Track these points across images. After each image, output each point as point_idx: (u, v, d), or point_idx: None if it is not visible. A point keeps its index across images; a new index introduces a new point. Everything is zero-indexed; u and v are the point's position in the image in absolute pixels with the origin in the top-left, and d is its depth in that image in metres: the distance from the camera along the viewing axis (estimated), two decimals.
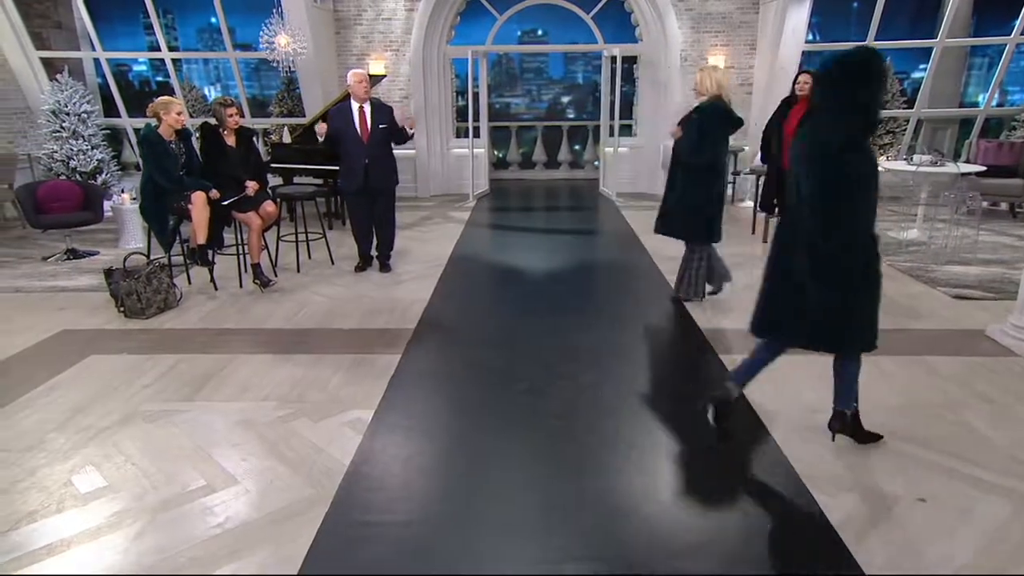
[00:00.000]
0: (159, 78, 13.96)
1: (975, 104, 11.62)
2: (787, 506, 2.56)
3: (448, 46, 9.94)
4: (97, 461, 2.91)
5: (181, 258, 5.52)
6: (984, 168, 7.01)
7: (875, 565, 2.21)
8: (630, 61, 10.18)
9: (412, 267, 6.04)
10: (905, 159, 7.73)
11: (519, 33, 12.35)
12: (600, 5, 9.83)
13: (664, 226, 4.92)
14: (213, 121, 5.44)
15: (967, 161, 7.79)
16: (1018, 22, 8.67)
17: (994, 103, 9.44)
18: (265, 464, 2.88)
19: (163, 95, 5.37)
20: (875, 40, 8.76)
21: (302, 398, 3.49)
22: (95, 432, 3.16)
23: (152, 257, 5.20)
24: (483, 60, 9.73)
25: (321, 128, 5.43)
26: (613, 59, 9.37)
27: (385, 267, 5.88)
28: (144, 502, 2.62)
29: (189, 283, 5.51)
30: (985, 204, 7.22)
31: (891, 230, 7.08)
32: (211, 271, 5.39)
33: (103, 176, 8.82)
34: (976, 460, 2.79)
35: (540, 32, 12.49)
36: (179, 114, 5.11)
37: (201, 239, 5.13)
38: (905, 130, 9.41)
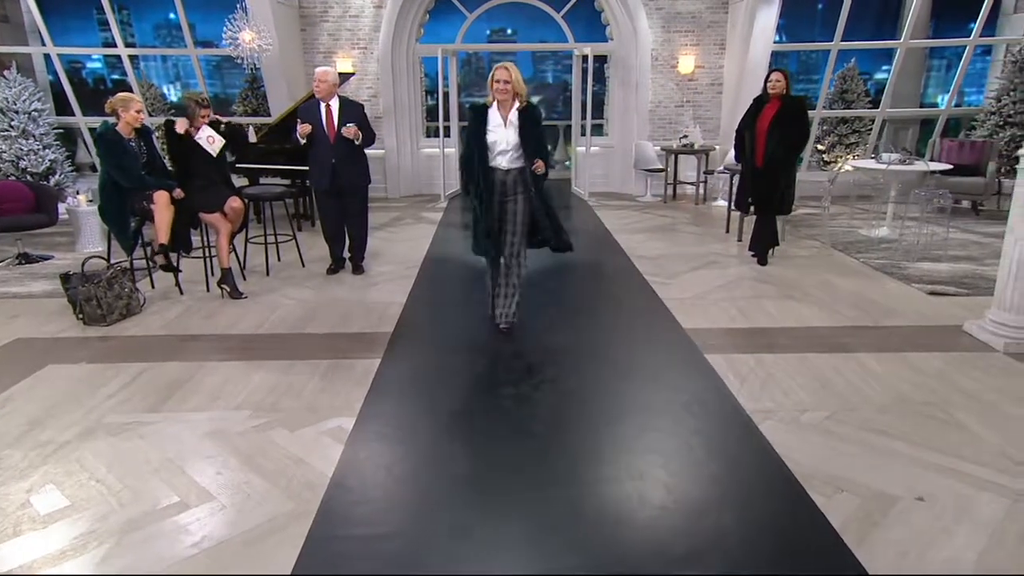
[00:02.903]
0: (115, 76, 13.44)
1: (933, 104, 11.92)
2: (785, 508, 2.51)
3: (417, 44, 9.79)
4: (58, 479, 2.72)
5: (144, 261, 5.29)
6: (951, 167, 7.16)
7: (879, 567, 2.17)
8: (601, 60, 10.17)
9: (386, 269, 5.89)
10: (873, 157, 7.86)
11: (488, 32, 12.24)
12: (570, 4, 9.79)
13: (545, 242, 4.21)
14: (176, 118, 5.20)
15: (931, 160, 7.96)
16: (975, 25, 8.90)
17: (953, 103, 9.68)
18: (241, 477, 2.73)
19: (121, 92, 5.14)
20: (842, 41, 8.91)
21: (277, 406, 3.34)
22: (55, 447, 2.96)
23: (113, 261, 4.97)
24: (453, 59, 9.61)
25: (304, 129, 5.20)
26: (584, 58, 9.34)
27: (358, 269, 5.72)
28: (110, 522, 2.45)
29: (152, 287, 5.28)
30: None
31: (862, 228, 7.19)
32: (176, 275, 5.17)
33: (56, 177, 8.46)
34: (969, 457, 2.78)
35: (509, 31, 12.40)
36: (138, 112, 4.89)
37: (163, 239, 4.91)
38: (871, 129, 9.58)
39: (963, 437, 2.96)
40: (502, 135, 3.99)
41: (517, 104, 3.99)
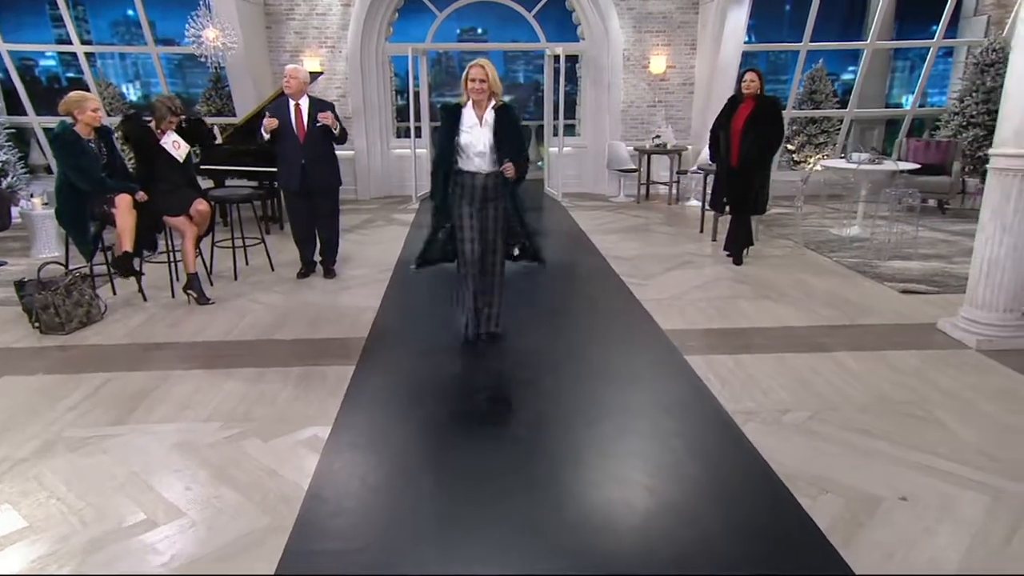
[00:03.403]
0: (70, 74, 13.08)
1: (898, 105, 12.21)
2: (771, 510, 2.51)
3: (387, 43, 9.69)
4: (14, 498, 2.59)
5: (104, 267, 5.11)
6: (919, 166, 7.32)
7: (865, 567, 2.17)
8: (572, 60, 10.18)
9: (358, 272, 5.80)
10: (842, 157, 7.99)
11: (458, 31, 12.18)
12: (541, 4, 9.78)
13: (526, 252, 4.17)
14: (143, 117, 5.02)
15: (898, 159, 8.12)
16: (938, 27, 9.13)
17: (917, 104, 9.92)
18: (212, 491, 2.63)
19: (74, 91, 4.94)
20: (810, 42, 9.05)
21: (249, 416, 3.24)
22: (10, 464, 2.82)
23: (71, 267, 4.79)
24: (423, 58, 9.52)
25: (271, 123, 5.08)
26: (556, 58, 9.33)
27: (330, 273, 5.62)
28: (72, 543, 2.34)
29: (114, 294, 5.11)
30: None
31: (833, 227, 7.30)
32: (139, 281, 5.01)
33: (9, 179, 8.16)
34: (949, 456, 2.82)
35: (480, 31, 12.36)
36: (95, 111, 4.71)
37: (127, 246, 4.75)
38: (839, 129, 9.75)
39: (942, 435, 3.00)
40: (478, 135, 3.78)
41: (493, 104, 3.80)
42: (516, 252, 4.13)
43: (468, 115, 3.81)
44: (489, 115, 3.80)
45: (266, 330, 4.43)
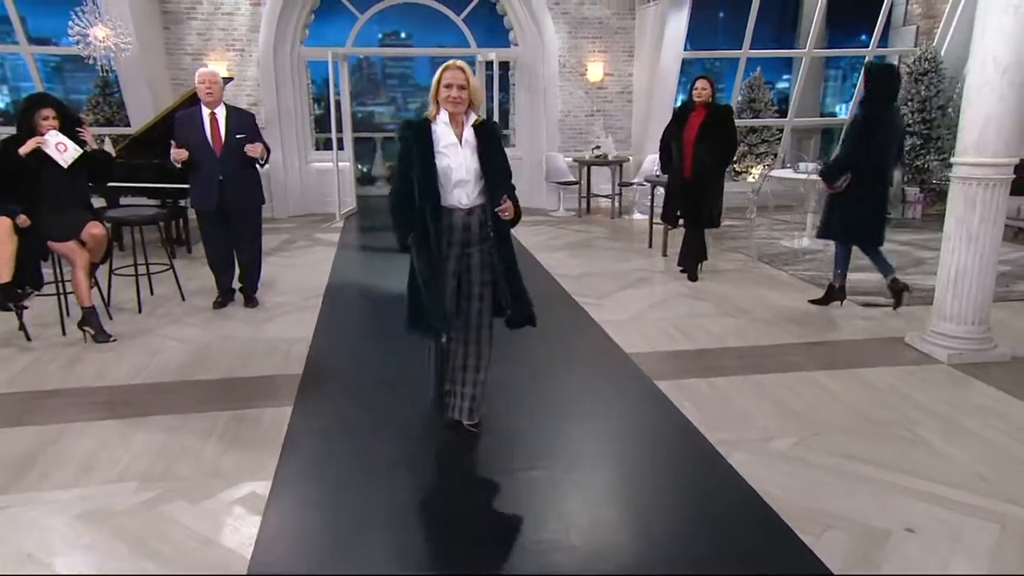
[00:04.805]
0: None
1: (832, 113, 12.87)
2: (777, 552, 2.45)
3: (302, 47, 9.41)
4: None
5: None
6: None
7: None
8: (504, 67, 10.18)
9: (283, 299, 5.50)
10: (787, 167, 8.29)
11: (380, 35, 11.99)
12: (471, 7, 9.75)
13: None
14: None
15: None
16: (872, 36, 9.68)
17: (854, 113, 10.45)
18: (132, 569, 2.34)
19: None
20: (750, 49, 9.40)
21: (171, 474, 2.94)
22: None
23: None
24: (343, 63, 9.29)
25: (180, 155, 4.80)
26: (488, 65, 9.30)
27: (251, 301, 5.30)
28: None
29: None
30: None
31: (783, 239, 7.53)
32: (20, 315, 4.55)
33: None
34: (945, 480, 2.84)
35: (404, 35, 12.21)
36: None
37: (5, 276, 4.31)
38: (779, 139, 10.14)
39: (932, 457, 3.04)
40: (458, 159, 3.01)
41: (472, 118, 3.08)
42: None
43: (443, 132, 3.04)
44: (469, 133, 3.06)
45: (183, 370, 4.10)
